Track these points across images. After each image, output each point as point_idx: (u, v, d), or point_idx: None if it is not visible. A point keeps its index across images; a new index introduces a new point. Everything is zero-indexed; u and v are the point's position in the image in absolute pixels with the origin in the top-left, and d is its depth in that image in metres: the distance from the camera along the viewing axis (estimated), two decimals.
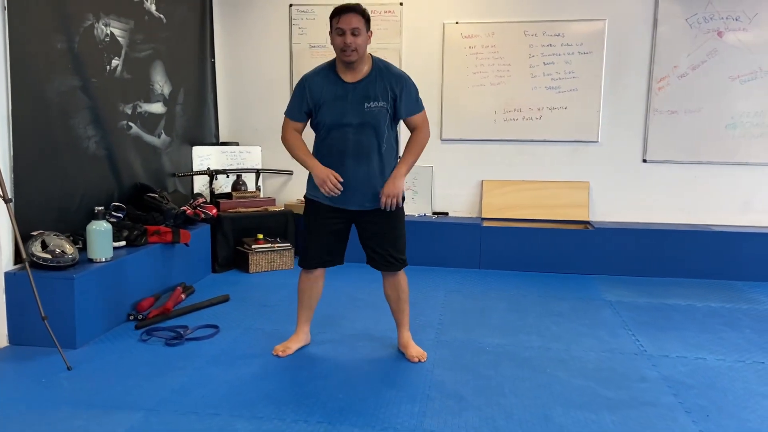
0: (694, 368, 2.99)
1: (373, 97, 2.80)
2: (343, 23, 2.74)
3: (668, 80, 4.93)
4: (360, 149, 2.84)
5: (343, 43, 2.74)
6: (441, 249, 4.92)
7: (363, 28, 2.77)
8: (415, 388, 2.72)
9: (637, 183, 5.07)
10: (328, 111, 2.83)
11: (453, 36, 5.09)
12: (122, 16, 4.03)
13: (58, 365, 2.87)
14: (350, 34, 2.73)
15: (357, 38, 2.74)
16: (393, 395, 2.65)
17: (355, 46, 2.74)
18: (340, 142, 2.84)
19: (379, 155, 2.87)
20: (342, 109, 2.81)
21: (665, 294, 4.29)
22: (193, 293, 4.11)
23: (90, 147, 3.77)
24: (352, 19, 2.74)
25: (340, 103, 2.81)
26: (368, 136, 2.83)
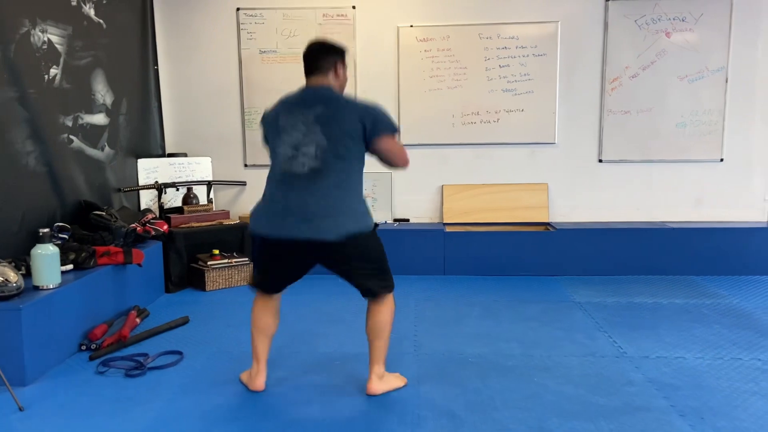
0: (676, 368, 2.98)
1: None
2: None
3: (620, 81, 4.99)
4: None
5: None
6: (405, 256, 4.81)
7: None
8: (404, 408, 2.58)
9: (594, 183, 5.12)
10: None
11: (408, 39, 5.00)
12: (60, 22, 3.74)
13: (9, 406, 2.59)
14: None
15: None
16: (382, 417, 2.51)
17: None
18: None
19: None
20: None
21: (630, 292, 4.31)
22: (148, 316, 3.85)
23: (29, 163, 3.47)
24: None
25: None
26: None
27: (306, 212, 2.47)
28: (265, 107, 4.99)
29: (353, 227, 2.50)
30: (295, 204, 2.48)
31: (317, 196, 2.47)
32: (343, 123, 2.49)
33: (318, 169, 2.48)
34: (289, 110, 2.57)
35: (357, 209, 2.54)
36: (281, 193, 2.52)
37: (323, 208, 2.47)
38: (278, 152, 2.56)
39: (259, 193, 2.68)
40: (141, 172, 4.77)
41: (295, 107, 2.56)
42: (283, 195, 2.52)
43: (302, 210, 2.47)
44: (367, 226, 2.56)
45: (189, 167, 5.02)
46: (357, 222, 2.52)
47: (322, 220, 2.46)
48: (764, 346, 3.27)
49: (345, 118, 2.50)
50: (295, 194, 2.49)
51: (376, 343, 2.69)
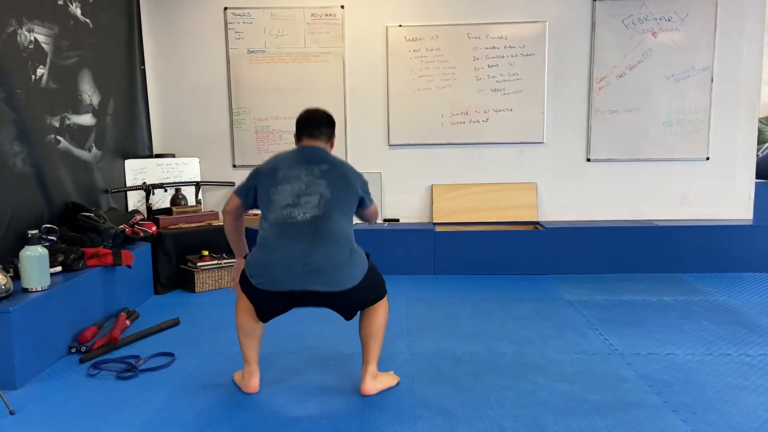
0: (667, 365, 3.01)
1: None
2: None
3: (608, 80, 5.03)
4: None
5: None
6: (395, 256, 4.81)
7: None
8: (399, 407, 2.58)
9: (583, 182, 5.15)
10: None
11: (397, 39, 5.00)
12: (46, 21, 3.70)
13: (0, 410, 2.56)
14: None
15: None
16: (378, 416, 2.50)
17: None
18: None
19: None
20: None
21: (619, 290, 4.35)
22: (138, 318, 3.81)
23: (17, 164, 3.42)
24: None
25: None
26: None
27: (314, 263, 2.46)
28: (253, 107, 5.02)
29: (360, 273, 2.55)
30: (300, 253, 2.47)
31: (323, 245, 2.48)
32: (348, 181, 2.60)
33: (319, 217, 2.51)
34: (291, 164, 2.62)
35: (356, 255, 2.57)
36: (282, 241, 2.50)
37: (329, 259, 2.48)
38: (275, 200, 2.55)
39: None
40: (128, 173, 4.73)
41: (298, 162, 2.62)
42: (283, 245, 2.49)
43: (308, 260, 2.46)
44: (366, 265, 2.61)
45: (177, 168, 4.99)
46: (360, 266, 2.57)
47: (331, 272, 2.47)
48: (752, 341, 3.31)
49: (350, 178, 2.62)
50: (297, 243, 2.48)
51: (371, 344, 2.69)
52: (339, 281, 2.48)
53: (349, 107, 5.05)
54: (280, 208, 2.53)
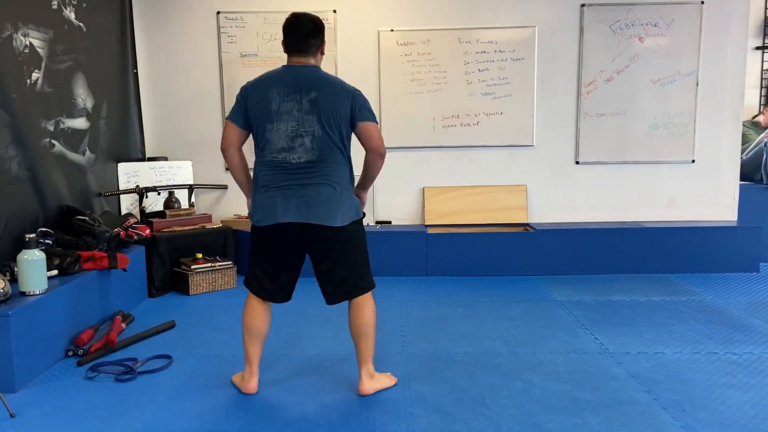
0: (656, 363, 3.08)
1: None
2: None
3: (596, 84, 5.12)
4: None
5: None
6: (387, 258, 4.86)
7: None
8: (396, 406, 2.63)
9: (571, 184, 5.23)
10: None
11: (388, 43, 5.06)
12: (41, 26, 3.71)
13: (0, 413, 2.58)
14: None
15: None
16: (376, 416, 2.55)
17: None
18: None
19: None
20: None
21: (608, 291, 4.43)
22: (134, 321, 3.83)
23: (12, 168, 3.43)
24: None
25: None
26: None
27: (307, 196, 2.57)
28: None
29: (351, 215, 2.65)
30: (295, 191, 2.58)
31: (316, 185, 2.58)
32: (338, 108, 2.57)
33: (313, 161, 2.58)
34: (282, 93, 2.57)
35: (351, 198, 2.68)
36: (278, 181, 2.60)
37: (322, 195, 2.58)
38: (270, 139, 2.59)
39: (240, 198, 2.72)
40: (121, 176, 4.74)
41: (289, 90, 2.57)
42: (281, 182, 2.59)
43: (302, 193, 2.58)
44: (358, 214, 2.71)
45: (170, 171, 5.00)
46: (351, 210, 2.66)
47: (324, 207, 2.58)
48: (738, 340, 3.39)
49: (339, 103, 2.58)
50: (293, 182, 2.58)
51: (363, 344, 2.73)
52: (329, 217, 2.58)
53: None
54: (276, 151, 2.60)
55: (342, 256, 2.67)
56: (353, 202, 2.69)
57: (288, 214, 2.58)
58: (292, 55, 2.67)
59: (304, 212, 2.58)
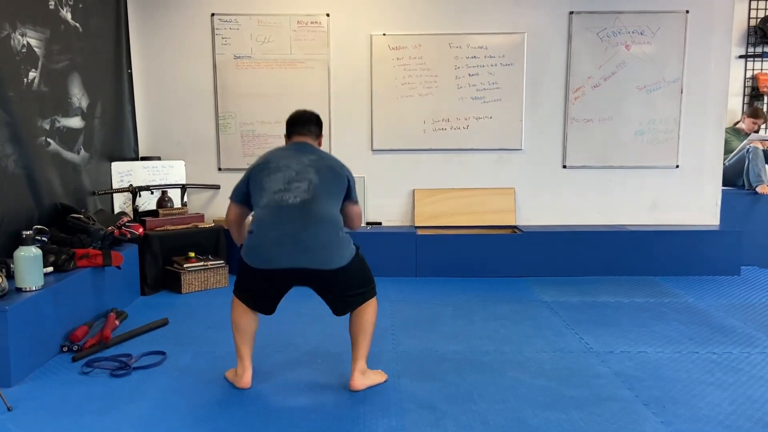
0: (639, 362, 3.17)
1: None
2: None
3: (583, 90, 5.23)
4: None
5: None
6: (378, 259, 4.92)
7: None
8: (387, 402, 2.70)
9: (559, 188, 5.33)
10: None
11: (381, 47, 5.14)
12: (38, 26, 3.75)
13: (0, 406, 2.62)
14: None
15: None
16: (367, 411, 2.62)
17: None
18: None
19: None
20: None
21: (594, 292, 4.53)
22: (127, 318, 3.88)
23: (8, 166, 3.47)
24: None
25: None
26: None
27: (301, 242, 2.62)
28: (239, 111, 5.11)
29: (348, 255, 2.71)
30: (289, 233, 2.63)
31: (312, 225, 2.64)
32: (335, 170, 2.78)
33: (308, 201, 2.68)
34: (282, 156, 2.79)
35: (344, 238, 2.74)
36: (273, 223, 2.66)
37: (318, 238, 2.64)
38: (267, 188, 2.72)
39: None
40: (115, 175, 4.78)
41: (289, 153, 2.81)
42: (275, 225, 2.66)
43: (299, 238, 2.62)
44: (353, 251, 2.77)
45: (163, 170, 5.05)
46: (348, 248, 2.73)
47: (320, 250, 2.63)
48: (718, 341, 3.50)
49: (336, 168, 2.79)
50: (289, 223, 2.65)
51: (361, 340, 2.81)
52: (327, 260, 2.65)
53: (334, 113, 5.17)
54: (272, 193, 2.70)
55: (346, 287, 2.76)
56: (349, 242, 2.77)
57: (286, 259, 2.63)
58: (294, 135, 2.90)
59: (302, 257, 2.63)
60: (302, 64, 5.12)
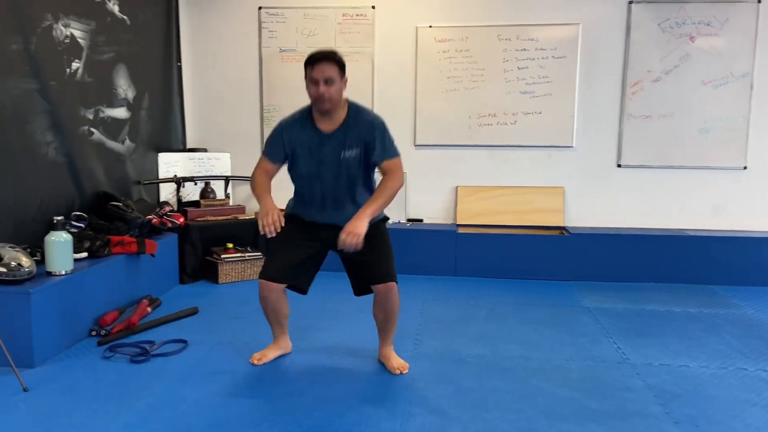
0: (678, 376, 2.93)
1: (348, 145, 2.76)
2: (316, 73, 2.69)
3: (642, 85, 4.92)
4: (337, 198, 2.82)
5: (317, 93, 2.70)
6: (416, 256, 4.82)
7: (337, 76, 2.72)
8: (395, 404, 2.60)
9: (612, 188, 5.05)
10: (305, 162, 2.80)
11: (426, 40, 5.01)
12: (83, 17, 3.85)
13: (14, 386, 2.68)
14: (323, 83, 2.69)
15: (331, 88, 2.69)
16: (372, 412, 2.53)
17: (328, 96, 2.69)
18: (317, 191, 2.83)
19: (354, 204, 2.79)
20: (318, 158, 2.78)
21: (643, 299, 4.25)
22: (160, 306, 3.93)
23: (49, 154, 3.58)
24: (325, 69, 2.69)
25: (315, 153, 2.78)
26: (345, 184, 2.80)
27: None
28: (282, 105, 5.10)
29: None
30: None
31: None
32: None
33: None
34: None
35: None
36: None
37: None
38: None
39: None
40: (161, 165, 4.88)
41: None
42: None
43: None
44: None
45: (208, 162, 5.12)
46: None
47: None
48: None
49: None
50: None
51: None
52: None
53: (377, 107, 5.08)
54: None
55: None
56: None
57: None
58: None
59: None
60: (347, 57, 4.90)
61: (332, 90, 2.68)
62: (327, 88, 2.67)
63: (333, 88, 2.68)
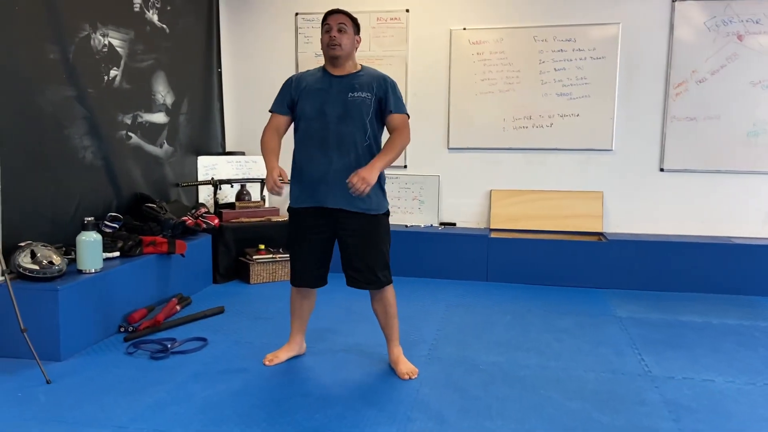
0: (699, 391, 2.80)
1: (358, 88, 2.80)
2: (330, 20, 2.83)
3: (686, 86, 4.72)
4: (342, 140, 2.78)
5: (328, 38, 2.79)
6: (447, 261, 4.79)
7: (350, 27, 2.83)
8: (397, 408, 2.59)
9: (654, 193, 4.86)
10: (309, 99, 2.82)
11: (460, 42, 4.97)
12: (121, 27, 4.02)
13: (39, 379, 2.83)
14: (336, 29, 2.79)
15: (343, 35, 2.79)
16: (373, 415, 2.53)
17: (339, 41, 2.78)
18: (320, 132, 2.80)
19: (360, 149, 2.79)
20: (324, 98, 2.80)
21: (680, 310, 4.08)
22: (190, 304, 4.06)
23: (86, 157, 3.76)
24: (339, 17, 2.82)
25: (322, 92, 2.82)
26: (350, 127, 2.78)
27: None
28: None
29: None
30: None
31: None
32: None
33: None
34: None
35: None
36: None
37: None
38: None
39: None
40: (200, 168, 5.03)
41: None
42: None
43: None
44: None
45: (246, 165, 5.24)
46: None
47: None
48: None
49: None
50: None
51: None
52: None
53: (410, 110, 5.03)
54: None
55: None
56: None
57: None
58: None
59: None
60: (380, 60, 5.08)
61: (344, 38, 2.78)
62: (339, 35, 2.77)
63: (345, 36, 2.78)
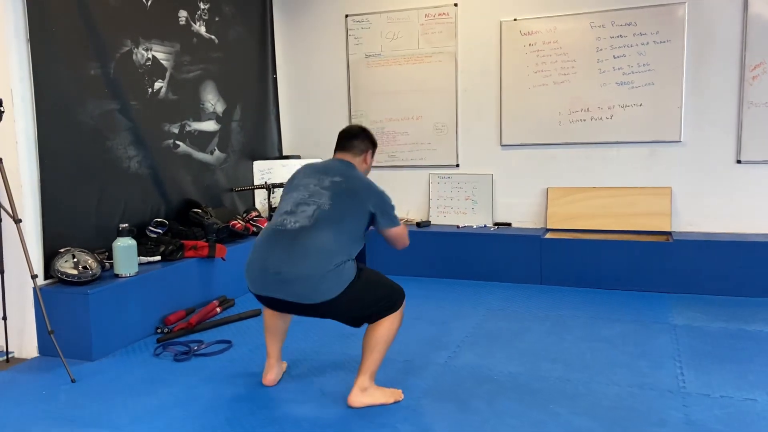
0: (733, 411, 2.48)
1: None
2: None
3: (764, 67, 4.23)
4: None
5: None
6: (499, 262, 4.59)
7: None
8: (387, 420, 2.50)
9: (730, 187, 4.39)
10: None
11: (511, 34, 4.75)
12: (166, 41, 4.20)
13: (66, 377, 3.01)
14: None
15: None
16: (360, 426, 2.46)
17: None
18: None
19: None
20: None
21: (749, 318, 3.65)
22: (232, 306, 4.16)
23: (131, 166, 3.96)
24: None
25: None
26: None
27: (283, 273, 2.47)
28: (369, 109, 5.14)
29: (337, 288, 2.47)
30: (274, 262, 2.49)
31: (295, 257, 2.46)
32: (356, 197, 2.61)
33: (307, 228, 2.51)
34: (308, 173, 2.73)
35: (340, 270, 2.48)
36: (263, 249, 2.56)
37: (300, 271, 2.45)
38: (280, 207, 2.70)
39: None
40: (256, 173, 5.16)
41: (315, 170, 2.73)
42: (264, 252, 2.55)
43: (278, 269, 2.47)
44: (349, 278, 2.50)
45: None
46: (339, 281, 2.48)
47: (301, 283, 2.45)
48: None
49: (360, 194, 2.62)
50: (276, 251, 2.50)
51: (369, 355, 2.60)
52: (308, 293, 2.46)
53: (461, 107, 4.93)
54: (279, 215, 2.64)
55: (346, 312, 2.58)
56: (346, 273, 2.50)
57: (268, 288, 2.53)
58: (336, 151, 2.84)
59: (282, 288, 2.49)
60: (429, 58, 4.97)
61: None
62: None
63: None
